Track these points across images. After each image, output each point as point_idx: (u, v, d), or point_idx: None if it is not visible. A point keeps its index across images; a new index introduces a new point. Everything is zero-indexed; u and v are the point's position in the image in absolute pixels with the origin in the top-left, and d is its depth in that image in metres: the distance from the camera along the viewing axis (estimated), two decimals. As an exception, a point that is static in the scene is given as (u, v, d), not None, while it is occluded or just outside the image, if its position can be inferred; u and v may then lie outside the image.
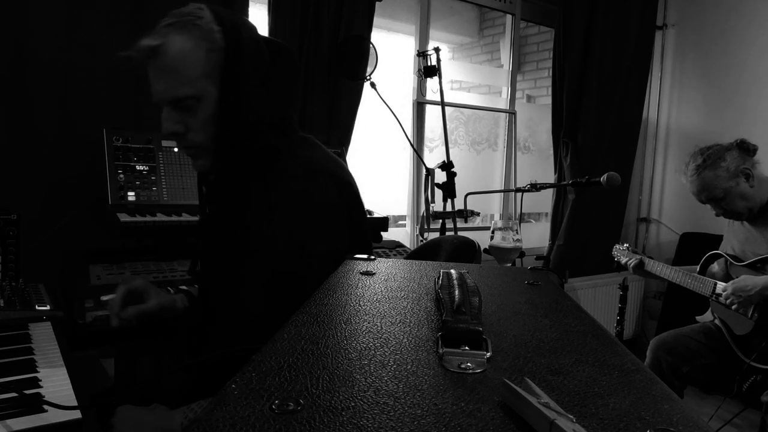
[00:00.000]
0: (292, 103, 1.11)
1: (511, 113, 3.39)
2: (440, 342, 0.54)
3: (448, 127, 2.50)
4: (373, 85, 2.29)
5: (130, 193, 1.76)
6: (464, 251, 1.37)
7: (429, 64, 2.49)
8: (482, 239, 1.70)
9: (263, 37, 1.05)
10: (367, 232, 1.16)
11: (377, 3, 2.50)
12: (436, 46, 2.50)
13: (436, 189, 2.40)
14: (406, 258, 1.33)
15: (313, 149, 1.13)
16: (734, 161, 2.05)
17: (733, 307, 2.00)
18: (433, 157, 2.92)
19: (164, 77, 0.99)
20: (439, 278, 0.74)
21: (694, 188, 2.13)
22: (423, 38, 2.94)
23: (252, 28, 1.04)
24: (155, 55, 0.98)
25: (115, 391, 1.61)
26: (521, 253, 1.71)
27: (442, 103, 2.49)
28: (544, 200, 3.48)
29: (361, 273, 0.84)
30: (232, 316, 1.04)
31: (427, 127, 2.99)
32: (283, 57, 1.05)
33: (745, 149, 2.09)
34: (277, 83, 1.04)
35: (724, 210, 2.12)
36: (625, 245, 2.46)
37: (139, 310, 1.16)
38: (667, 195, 3.74)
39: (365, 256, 0.95)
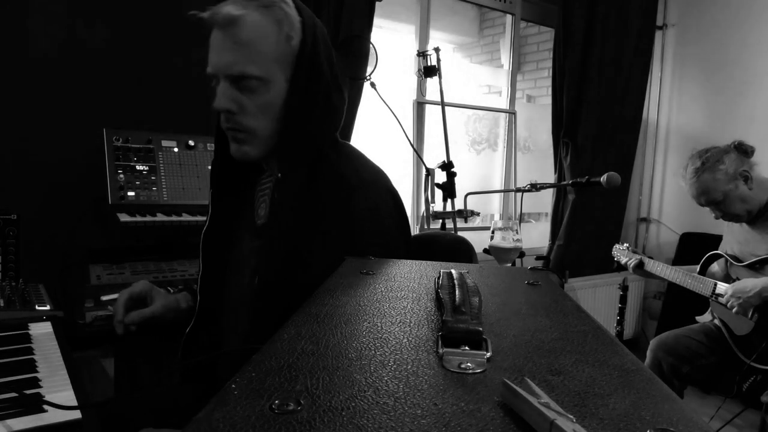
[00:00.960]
0: (343, 113, 1.10)
1: (511, 113, 3.39)
2: (440, 342, 0.54)
3: (448, 127, 2.50)
4: (373, 85, 2.29)
5: (130, 193, 1.76)
6: (459, 249, 1.35)
7: (429, 64, 2.49)
8: (482, 239, 1.70)
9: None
10: (410, 238, 1.16)
11: (377, 3, 2.50)
12: (436, 46, 2.50)
13: (436, 189, 2.40)
14: None
15: (361, 159, 1.13)
16: (732, 164, 2.05)
17: (734, 310, 2.00)
18: (433, 157, 2.92)
19: (235, 50, 0.95)
20: (439, 278, 0.74)
21: (693, 192, 2.12)
22: (423, 38, 2.94)
23: (325, 30, 1.04)
24: (232, 25, 0.94)
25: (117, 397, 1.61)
26: (521, 253, 1.71)
27: (442, 103, 2.49)
28: (544, 200, 3.48)
29: (361, 273, 0.84)
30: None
31: (427, 127, 2.99)
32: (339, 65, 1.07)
33: (743, 151, 2.09)
34: (339, 89, 1.05)
35: (723, 213, 2.11)
36: (625, 245, 2.47)
37: (142, 315, 1.15)
38: (667, 195, 3.74)
39: (365, 257, 0.95)
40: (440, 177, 2.40)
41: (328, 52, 1.02)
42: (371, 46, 2.32)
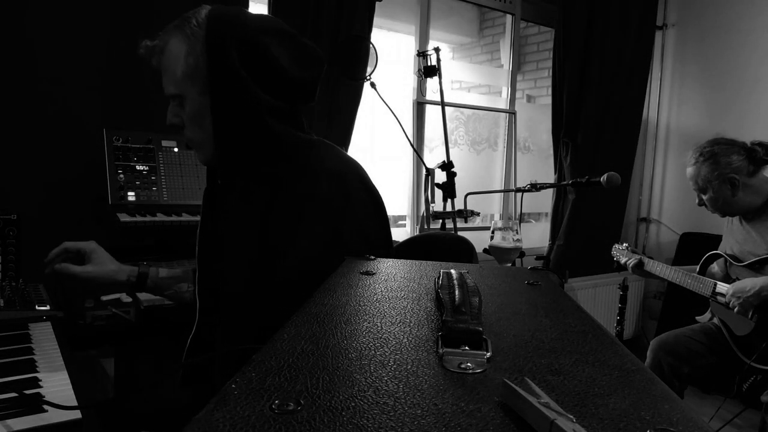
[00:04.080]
0: (294, 102, 1.10)
1: (511, 113, 3.39)
2: (440, 342, 0.54)
3: (448, 127, 2.50)
4: (373, 85, 2.29)
5: (130, 193, 1.76)
6: (460, 249, 1.36)
7: (429, 64, 2.49)
8: (482, 239, 1.70)
9: (280, 37, 1.04)
10: (390, 231, 1.17)
11: (377, 3, 2.50)
12: (436, 46, 2.50)
13: (436, 189, 2.40)
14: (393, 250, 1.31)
15: (330, 150, 1.14)
16: (730, 166, 2.07)
17: (735, 309, 2.00)
18: (433, 157, 2.92)
19: (163, 75, 1.08)
20: (439, 278, 0.74)
21: (687, 173, 2.21)
22: (423, 38, 2.94)
23: (247, 31, 1.02)
24: (156, 55, 1.07)
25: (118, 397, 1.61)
26: (521, 253, 1.71)
27: (442, 103, 2.49)
28: (544, 200, 3.48)
29: (361, 273, 0.84)
30: (252, 315, 1.03)
31: (427, 127, 2.99)
32: (299, 58, 1.06)
33: (752, 158, 2.09)
34: (275, 86, 1.04)
35: (703, 204, 2.20)
36: (624, 245, 2.47)
37: (65, 268, 1.22)
38: (667, 195, 3.74)
39: (365, 256, 0.95)
40: (440, 177, 2.40)
41: (252, 55, 1.00)
42: (371, 46, 2.33)
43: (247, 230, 1.05)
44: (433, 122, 2.98)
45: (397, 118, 2.31)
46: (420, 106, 2.94)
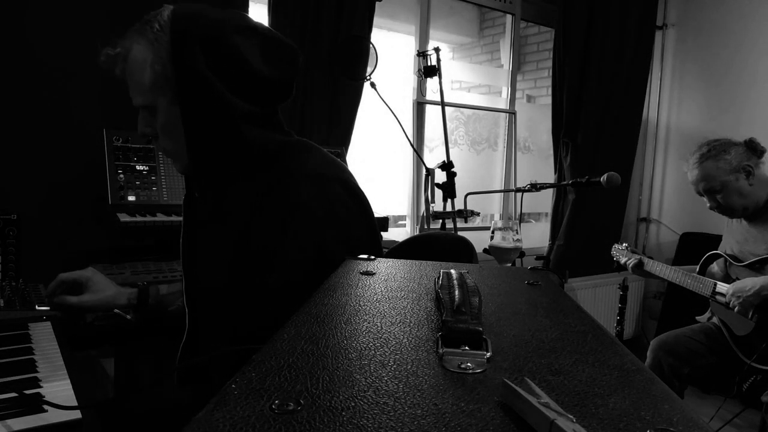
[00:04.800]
0: (269, 103, 1.05)
1: (511, 113, 3.39)
2: (440, 342, 0.54)
3: (448, 127, 2.50)
4: (373, 85, 2.29)
5: (130, 193, 1.76)
6: (460, 249, 1.35)
7: (429, 64, 2.49)
8: (482, 239, 1.70)
9: (250, 36, 0.98)
10: (378, 235, 1.13)
11: (377, 3, 2.50)
12: (436, 46, 2.50)
13: (436, 189, 2.40)
14: (389, 252, 1.31)
15: (311, 153, 1.08)
16: (738, 156, 2.06)
17: (736, 309, 2.00)
18: (433, 157, 2.92)
19: (129, 84, 1.01)
20: (439, 278, 0.74)
21: (694, 177, 2.13)
22: (423, 38, 2.94)
23: (212, 30, 0.96)
24: (118, 62, 1.00)
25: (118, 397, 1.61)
26: (521, 253, 1.71)
27: (442, 103, 2.49)
28: (544, 200, 3.48)
29: (361, 273, 0.84)
30: (239, 327, 1.00)
31: (427, 127, 2.99)
32: (271, 57, 1.00)
33: (753, 148, 2.10)
34: (246, 87, 0.98)
35: (718, 204, 2.12)
36: (624, 245, 2.46)
37: (62, 300, 1.23)
38: (667, 195, 3.74)
39: (365, 256, 0.95)
40: (440, 177, 2.40)
41: (219, 57, 0.94)
42: (371, 46, 2.32)
43: (224, 242, 1.02)
44: (433, 122, 2.98)
45: (397, 118, 2.31)
46: (420, 106, 2.94)
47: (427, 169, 2.38)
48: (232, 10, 1.10)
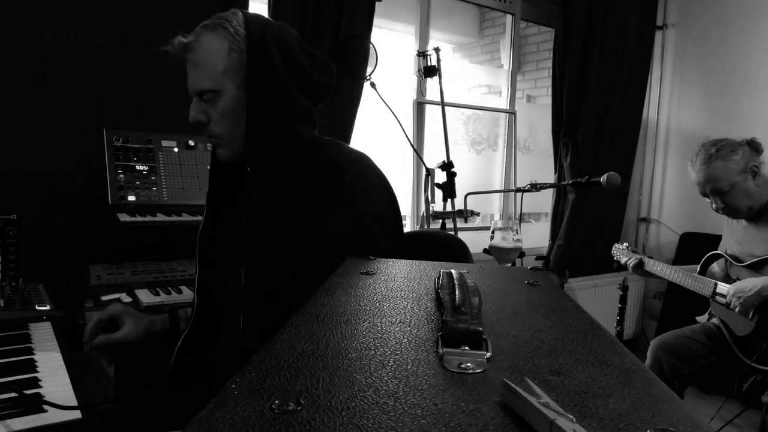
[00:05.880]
0: (315, 103, 1.17)
1: (511, 113, 3.39)
2: (440, 342, 0.54)
3: (448, 127, 2.50)
4: (373, 85, 2.29)
5: (130, 193, 1.76)
6: (452, 251, 1.39)
7: (429, 64, 2.49)
8: (482, 239, 1.70)
9: (300, 44, 1.12)
10: (401, 219, 1.22)
11: (377, 3, 2.50)
12: (436, 46, 2.50)
13: (436, 189, 2.40)
14: None
15: (344, 146, 1.21)
16: (745, 157, 2.05)
17: (736, 309, 2.00)
18: (433, 157, 2.93)
19: (193, 70, 1.08)
20: (439, 278, 0.74)
21: (701, 178, 2.10)
22: (423, 38, 2.94)
23: (281, 33, 1.10)
24: (187, 51, 1.08)
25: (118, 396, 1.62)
26: (521, 253, 1.71)
27: (442, 103, 2.49)
28: (544, 200, 3.48)
29: (361, 273, 0.84)
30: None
31: (427, 127, 2.99)
32: (316, 64, 1.12)
33: (755, 148, 2.09)
34: (303, 86, 1.10)
35: (725, 205, 2.09)
36: (624, 245, 2.46)
37: (108, 339, 1.22)
38: (667, 195, 3.73)
39: (365, 257, 0.95)
40: (440, 177, 2.40)
41: (288, 56, 1.08)
42: (371, 46, 2.32)
43: (276, 224, 1.09)
44: (433, 122, 2.98)
45: (397, 118, 2.31)
46: (420, 106, 2.94)
47: (427, 169, 2.38)
48: (284, 23, 1.22)
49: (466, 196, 2.45)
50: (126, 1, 1.99)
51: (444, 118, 2.49)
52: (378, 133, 2.73)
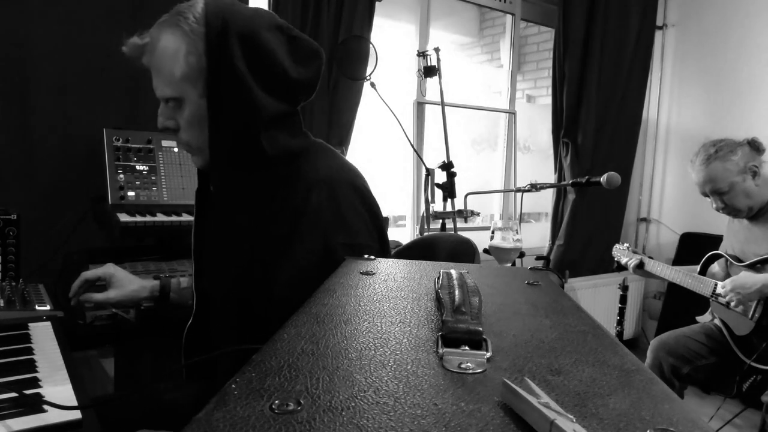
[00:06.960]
0: (295, 102, 1.05)
1: (511, 113, 3.39)
2: (440, 342, 0.54)
3: (448, 127, 2.50)
4: (373, 85, 2.28)
5: (130, 193, 1.76)
6: (462, 250, 1.36)
7: (429, 64, 2.49)
8: (482, 239, 1.70)
9: (280, 30, 0.99)
10: (387, 241, 1.13)
11: (377, 3, 2.50)
12: (436, 46, 2.49)
13: (436, 189, 2.40)
14: (396, 253, 1.32)
15: (326, 155, 1.10)
16: (745, 157, 2.05)
17: (732, 304, 2.00)
18: (433, 157, 2.92)
19: (155, 75, 1.00)
20: (439, 278, 0.74)
21: (700, 178, 2.10)
22: (423, 38, 2.94)
23: (250, 24, 0.96)
24: (146, 54, 0.99)
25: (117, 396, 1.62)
26: (521, 253, 1.71)
27: (442, 103, 2.49)
28: (544, 200, 3.48)
29: (361, 273, 0.84)
30: (253, 318, 1.01)
31: (427, 127, 2.99)
32: (299, 54, 1.00)
33: (756, 148, 2.09)
34: (278, 87, 0.99)
35: (725, 205, 2.10)
36: (625, 245, 2.46)
37: (88, 297, 1.26)
38: (667, 195, 3.73)
39: (366, 257, 0.95)
40: (440, 177, 2.40)
41: (256, 53, 0.95)
42: (371, 46, 2.32)
43: (237, 239, 1.04)
44: (433, 122, 2.98)
45: (397, 118, 2.31)
46: (420, 106, 2.94)
47: (427, 169, 2.38)
48: (260, 8, 1.08)
49: (466, 196, 2.45)
50: (127, 1, 1.99)
51: (444, 118, 2.49)
52: (378, 133, 2.73)
